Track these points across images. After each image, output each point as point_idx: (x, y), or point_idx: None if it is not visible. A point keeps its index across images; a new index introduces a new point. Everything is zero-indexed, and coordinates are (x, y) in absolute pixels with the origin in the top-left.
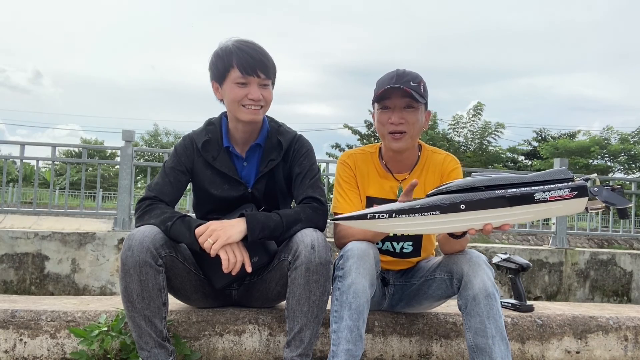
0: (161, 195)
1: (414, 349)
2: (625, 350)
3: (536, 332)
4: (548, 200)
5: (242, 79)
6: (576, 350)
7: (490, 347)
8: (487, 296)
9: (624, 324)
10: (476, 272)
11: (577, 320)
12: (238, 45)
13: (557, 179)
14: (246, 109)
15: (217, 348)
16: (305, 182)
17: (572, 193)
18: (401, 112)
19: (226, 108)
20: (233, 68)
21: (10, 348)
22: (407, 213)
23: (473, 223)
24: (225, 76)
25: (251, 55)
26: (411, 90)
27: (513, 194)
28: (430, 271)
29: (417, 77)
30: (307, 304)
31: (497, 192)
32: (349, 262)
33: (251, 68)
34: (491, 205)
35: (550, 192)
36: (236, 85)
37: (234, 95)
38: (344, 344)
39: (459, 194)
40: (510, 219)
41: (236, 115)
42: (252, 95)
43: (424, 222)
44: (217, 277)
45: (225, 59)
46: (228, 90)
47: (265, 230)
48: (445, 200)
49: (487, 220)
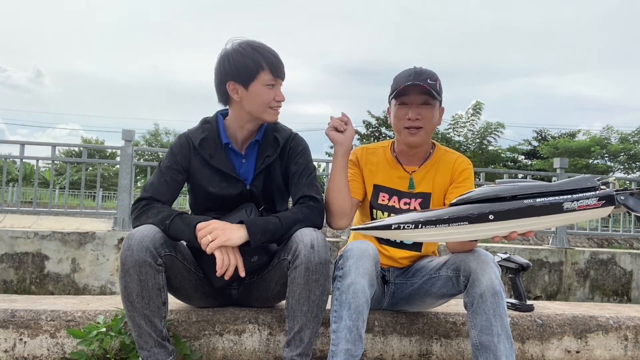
0: (157, 195)
1: (414, 349)
2: (625, 349)
3: (536, 332)
4: (576, 209)
5: (272, 80)
6: (576, 350)
7: (495, 345)
8: (494, 294)
9: (624, 323)
10: (484, 270)
11: (577, 320)
12: (261, 47)
13: (583, 188)
14: (273, 110)
15: (217, 347)
16: (301, 180)
17: (600, 202)
18: (418, 108)
19: (247, 108)
20: (264, 70)
21: (10, 347)
22: (434, 224)
23: (499, 232)
24: (253, 77)
25: (277, 58)
26: (429, 87)
27: (542, 203)
28: (435, 270)
29: (433, 75)
30: (306, 303)
31: (525, 202)
32: (349, 262)
33: (279, 70)
34: (520, 215)
35: (579, 202)
36: (267, 87)
37: (264, 97)
38: (344, 343)
39: (486, 203)
40: (536, 227)
41: (261, 116)
42: (279, 97)
43: (451, 232)
44: (215, 277)
45: (255, 60)
46: (257, 92)
47: (266, 234)
48: (473, 210)
49: (513, 228)
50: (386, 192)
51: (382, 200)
